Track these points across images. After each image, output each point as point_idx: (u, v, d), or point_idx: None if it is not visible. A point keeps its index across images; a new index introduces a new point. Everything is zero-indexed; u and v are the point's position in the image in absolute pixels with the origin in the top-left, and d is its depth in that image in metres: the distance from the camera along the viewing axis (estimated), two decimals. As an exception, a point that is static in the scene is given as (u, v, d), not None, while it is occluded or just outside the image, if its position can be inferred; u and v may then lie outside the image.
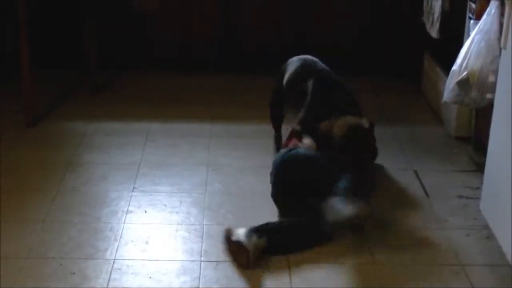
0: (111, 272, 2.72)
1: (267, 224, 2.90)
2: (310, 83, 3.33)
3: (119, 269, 2.74)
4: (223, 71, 4.76)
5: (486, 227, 2.96)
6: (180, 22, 4.82)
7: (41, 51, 4.16)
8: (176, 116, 4.12)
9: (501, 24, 3.05)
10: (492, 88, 3.06)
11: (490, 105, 3.04)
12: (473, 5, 3.42)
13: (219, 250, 2.85)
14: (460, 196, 3.30)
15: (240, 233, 2.80)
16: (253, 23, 4.79)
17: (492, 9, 3.14)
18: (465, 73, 3.21)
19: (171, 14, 4.81)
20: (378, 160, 3.63)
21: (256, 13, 4.81)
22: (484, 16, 3.19)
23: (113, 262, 2.78)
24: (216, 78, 4.68)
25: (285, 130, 3.63)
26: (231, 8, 4.79)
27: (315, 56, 3.60)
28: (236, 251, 2.79)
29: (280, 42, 4.78)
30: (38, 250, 2.85)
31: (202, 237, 2.96)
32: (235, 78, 4.70)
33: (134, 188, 3.32)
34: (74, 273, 2.70)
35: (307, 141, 3.22)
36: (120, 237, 2.94)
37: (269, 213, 3.09)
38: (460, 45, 3.36)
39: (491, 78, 3.13)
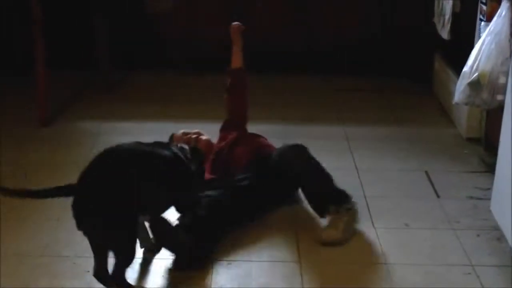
0: (124, 270, 2.75)
1: None
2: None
3: (132, 267, 2.75)
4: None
5: (497, 228, 2.96)
6: (191, 23, 4.85)
7: (54, 51, 4.19)
8: (189, 116, 4.13)
9: (511, 26, 3.06)
10: (503, 89, 3.07)
11: (500, 106, 3.04)
12: (484, 7, 3.43)
13: (231, 250, 2.88)
14: (471, 197, 3.32)
15: None
16: (262, 24, 4.81)
17: (503, 11, 3.15)
18: (476, 74, 3.23)
19: (183, 15, 4.84)
20: (390, 161, 3.65)
21: (265, 14, 4.84)
22: (495, 18, 3.20)
23: (126, 261, 2.80)
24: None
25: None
26: (240, 9, 4.81)
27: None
28: None
29: (289, 43, 4.81)
30: (52, 248, 2.89)
31: (214, 236, 2.98)
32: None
33: (146, 187, 3.33)
34: (88, 271, 2.71)
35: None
36: (133, 236, 2.97)
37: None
38: (471, 47, 3.37)
39: (501, 80, 3.14)
